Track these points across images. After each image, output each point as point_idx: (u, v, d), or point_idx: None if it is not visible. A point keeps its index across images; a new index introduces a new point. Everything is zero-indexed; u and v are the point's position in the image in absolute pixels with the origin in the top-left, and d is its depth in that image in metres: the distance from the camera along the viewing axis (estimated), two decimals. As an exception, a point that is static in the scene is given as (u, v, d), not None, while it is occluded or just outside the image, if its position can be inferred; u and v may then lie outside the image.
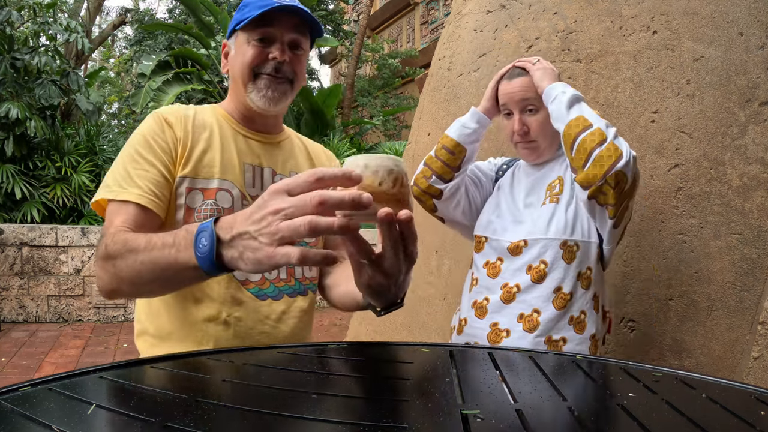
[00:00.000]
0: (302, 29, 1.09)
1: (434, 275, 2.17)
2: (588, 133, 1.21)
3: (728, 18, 1.60)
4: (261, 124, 1.16)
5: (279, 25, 1.06)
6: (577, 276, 1.31)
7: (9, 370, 3.68)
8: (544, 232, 1.32)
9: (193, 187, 1.06)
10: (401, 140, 11.18)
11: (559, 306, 1.30)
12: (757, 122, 1.54)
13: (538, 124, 1.35)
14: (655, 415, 0.62)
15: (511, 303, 1.34)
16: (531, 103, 1.35)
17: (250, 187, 1.11)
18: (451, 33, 2.33)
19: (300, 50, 1.11)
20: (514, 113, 1.37)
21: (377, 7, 15.20)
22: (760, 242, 1.50)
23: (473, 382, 0.72)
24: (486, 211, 1.47)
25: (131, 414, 0.54)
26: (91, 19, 11.48)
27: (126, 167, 1.02)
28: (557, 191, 1.36)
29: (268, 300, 1.10)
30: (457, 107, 2.15)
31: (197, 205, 1.05)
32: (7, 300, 5.20)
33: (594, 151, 1.20)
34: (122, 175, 1.01)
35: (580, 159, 1.22)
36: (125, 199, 0.98)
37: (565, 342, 1.30)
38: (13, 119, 6.22)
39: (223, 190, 1.07)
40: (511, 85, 1.36)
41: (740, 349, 1.50)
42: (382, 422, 0.55)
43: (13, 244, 5.22)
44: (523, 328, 1.32)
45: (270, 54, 1.07)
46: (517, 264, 1.35)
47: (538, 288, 1.32)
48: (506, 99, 1.38)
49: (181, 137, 1.06)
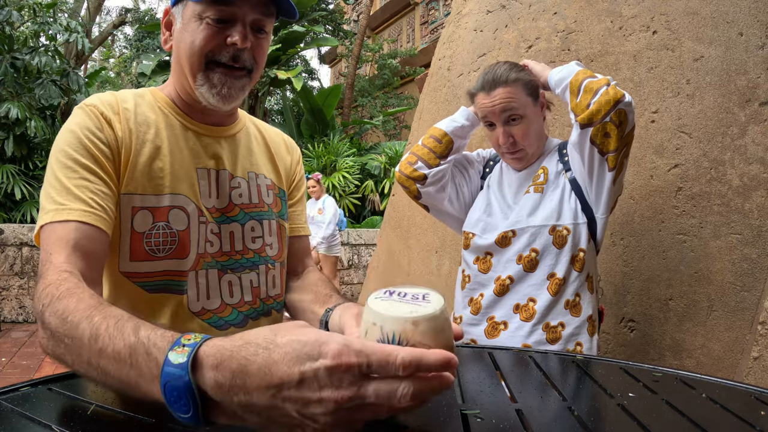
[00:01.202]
0: (268, 7, 0.90)
1: (434, 275, 2.17)
2: (594, 80, 1.23)
3: (728, 18, 1.60)
4: (213, 116, 0.96)
5: (241, 1, 0.87)
6: (570, 260, 1.31)
7: (9, 370, 3.68)
8: (531, 220, 1.32)
9: (142, 206, 0.85)
10: (401, 140, 11.18)
11: (553, 291, 1.30)
12: (757, 122, 1.54)
13: (524, 132, 1.33)
14: (655, 415, 0.62)
15: (505, 295, 1.34)
16: (514, 113, 1.31)
17: (206, 198, 0.92)
18: (451, 33, 2.33)
19: (263, 33, 0.92)
20: (497, 125, 1.34)
21: (377, 7, 15.20)
22: (760, 242, 1.50)
23: (473, 382, 0.72)
24: (476, 208, 1.46)
25: (131, 414, 0.54)
26: (91, 19, 11.47)
27: (60, 179, 0.80)
28: (541, 181, 1.36)
29: (231, 328, 0.93)
30: (457, 107, 2.15)
31: (146, 228, 0.85)
32: (7, 300, 5.20)
33: (600, 90, 1.20)
34: (57, 189, 0.79)
35: (586, 99, 1.22)
36: (66, 218, 0.76)
37: (563, 327, 1.30)
38: (13, 119, 6.23)
39: (176, 207, 0.88)
40: (491, 97, 1.32)
41: (740, 349, 1.50)
42: (382, 422, 0.55)
43: (13, 244, 5.22)
44: (520, 318, 1.31)
45: (228, 38, 0.87)
46: (507, 255, 1.34)
47: (531, 276, 1.32)
48: (486, 112, 1.34)
49: (122, 138, 0.86)
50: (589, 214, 1.32)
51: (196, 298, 0.91)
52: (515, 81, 1.31)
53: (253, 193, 1.00)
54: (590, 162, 1.28)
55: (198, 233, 0.90)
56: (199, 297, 0.91)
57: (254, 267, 0.97)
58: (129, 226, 0.85)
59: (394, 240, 2.43)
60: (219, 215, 0.93)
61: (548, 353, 0.92)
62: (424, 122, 2.35)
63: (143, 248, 0.85)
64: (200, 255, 0.90)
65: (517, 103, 1.31)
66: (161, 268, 0.87)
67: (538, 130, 1.37)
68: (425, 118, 2.35)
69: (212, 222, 0.92)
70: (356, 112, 13.38)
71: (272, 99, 15.67)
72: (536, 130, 1.35)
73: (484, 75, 1.35)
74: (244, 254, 0.96)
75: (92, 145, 0.82)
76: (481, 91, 1.35)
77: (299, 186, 1.14)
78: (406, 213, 2.37)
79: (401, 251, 2.37)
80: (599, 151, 1.25)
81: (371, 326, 0.52)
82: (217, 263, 0.92)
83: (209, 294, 0.92)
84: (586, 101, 1.22)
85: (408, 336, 0.50)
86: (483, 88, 1.34)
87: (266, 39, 0.93)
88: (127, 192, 0.85)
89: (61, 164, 0.81)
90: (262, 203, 1.00)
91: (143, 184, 0.86)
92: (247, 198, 0.99)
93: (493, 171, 1.50)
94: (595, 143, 1.24)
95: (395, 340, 0.50)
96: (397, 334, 0.50)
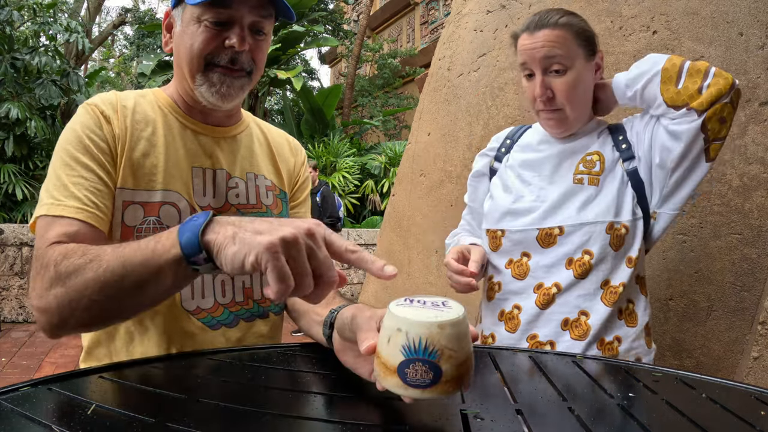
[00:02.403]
0: (267, 8, 0.90)
1: (434, 275, 2.17)
2: (694, 62, 1.05)
3: (728, 18, 1.60)
4: (213, 116, 0.98)
5: (239, 3, 0.87)
6: (627, 262, 1.11)
7: (9, 370, 3.68)
8: (583, 216, 1.10)
9: (132, 201, 0.87)
10: (401, 140, 11.18)
11: (609, 301, 1.09)
12: (757, 122, 1.54)
13: (566, 87, 1.10)
14: (655, 415, 0.62)
15: (550, 307, 1.11)
16: (557, 62, 1.09)
17: (200, 196, 0.93)
18: (451, 33, 2.33)
19: (261, 35, 0.92)
20: (535, 74, 1.12)
21: (377, 7, 15.20)
22: (760, 242, 1.50)
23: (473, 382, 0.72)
24: (496, 197, 1.21)
25: (131, 414, 0.54)
26: (91, 19, 11.47)
27: (59, 175, 0.83)
28: (597, 170, 1.13)
29: (222, 328, 0.94)
30: (457, 107, 2.15)
31: (137, 222, 0.87)
32: (7, 300, 5.21)
33: (710, 71, 1.03)
34: (56, 185, 0.83)
35: (695, 82, 1.03)
36: (60, 214, 0.80)
37: (620, 341, 1.10)
38: (13, 119, 6.23)
39: (168, 203, 0.89)
40: (533, 38, 1.10)
41: (740, 349, 1.50)
42: (382, 422, 0.55)
43: (13, 244, 5.22)
44: (571, 336, 1.09)
45: (227, 41, 0.88)
46: (552, 257, 1.12)
47: (582, 284, 1.09)
48: (526, 56, 1.12)
49: (119, 135, 0.88)
50: (644, 207, 1.13)
51: (191, 296, 0.92)
52: (565, 25, 1.10)
53: (251, 193, 0.99)
54: (686, 152, 1.07)
55: None
56: (194, 295, 0.92)
57: None
58: (120, 219, 0.87)
59: (394, 240, 2.43)
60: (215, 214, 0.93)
61: (548, 353, 0.92)
62: (424, 122, 2.35)
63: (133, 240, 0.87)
64: None
65: (564, 51, 1.09)
66: None
67: (586, 92, 1.14)
68: (425, 118, 2.35)
69: None
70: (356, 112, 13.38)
71: (272, 99, 15.67)
72: (584, 90, 1.13)
73: (533, 15, 1.15)
74: None
75: (91, 143, 0.85)
76: (525, 32, 1.13)
77: (303, 187, 1.13)
78: (406, 213, 2.37)
79: (401, 251, 2.37)
80: (705, 139, 1.05)
81: (395, 332, 0.52)
82: None
83: (204, 293, 0.93)
84: (695, 85, 1.03)
85: (434, 340, 0.51)
86: (528, 27, 1.13)
87: (265, 40, 0.93)
88: (120, 186, 0.87)
89: (62, 161, 0.84)
90: (260, 204, 1.00)
91: (135, 179, 0.88)
92: (245, 198, 0.98)
93: (516, 145, 1.26)
94: (706, 130, 1.04)
95: (421, 345, 0.51)
96: (423, 339, 0.51)
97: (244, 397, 0.62)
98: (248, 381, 0.69)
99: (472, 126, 2.05)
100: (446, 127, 2.19)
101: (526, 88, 1.16)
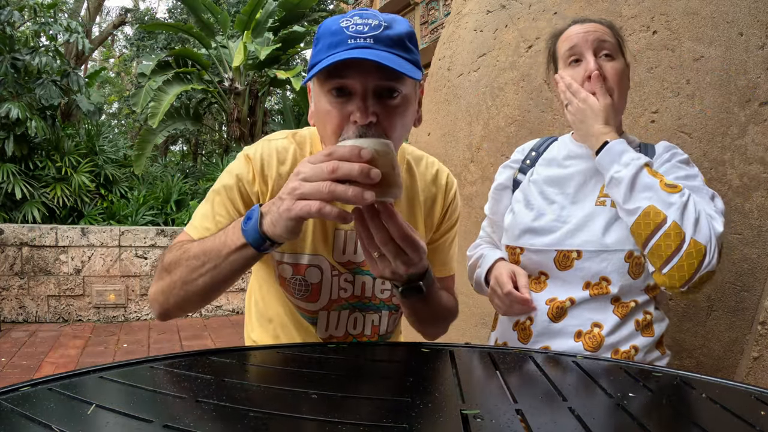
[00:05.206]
0: (383, 72, 0.80)
1: (434, 275, 2.17)
2: (662, 235, 0.98)
3: (728, 18, 1.60)
4: None
5: (357, 73, 0.79)
6: (645, 289, 1.09)
7: (9, 370, 3.68)
8: (604, 242, 1.06)
9: (282, 261, 0.99)
10: (401, 140, 11.16)
11: (621, 313, 1.07)
12: (757, 122, 1.54)
13: (616, 72, 1.09)
14: (655, 415, 0.62)
15: (562, 320, 1.09)
16: (607, 48, 1.10)
17: (340, 255, 1.00)
18: (451, 33, 2.33)
19: (395, 95, 0.83)
20: (586, 56, 1.10)
21: (377, 7, 15.20)
22: (760, 242, 1.50)
23: (473, 382, 0.72)
24: (517, 212, 1.19)
25: (131, 414, 0.54)
26: (91, 19, 11.48)
27: (213, 205, 0.96)
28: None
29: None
30: (457, 107, 2.15)
31: (287, 276, 1.00)
32: (7, 300, 5.20)
33: (673, 259, 0.97)
34: (204, 212, 0.96)
35: (656, 263, 1.00)
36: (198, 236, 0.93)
37: (636, 351, 1.08)
38: (13, 119, 6.23)
39: (313, 266, 0.99)
40: (584, 26, 1.12)
41: (740, 349, 1.50)
42: (382, 422, 0.55)
43: (13, 244, 5.21)
44: (585, 348, 1.06)
45: (351, 115, 0.81)
46: (569, 279, 1.10)
47: (595, 299, 1.08)
48: (578, 39, 1.11)
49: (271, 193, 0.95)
50: None
51: (325, 328, 1.05)
52: (610, 26, 1.14)
53: None
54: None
55: (331, 283, 1.01)
56: (328, 328, 1.05)
57: (378, 311, 1.07)
58: (275, 272, 1.02)
59: (394, 240, 2.43)
60: (354, 267, 1.03)
61: (548, 353, 0.92)
62: (424, 122, 2.35)
63: (287, 286, 1.02)
64: (333, 300, 1.02)
65: (613, 41, 1.12)
66: (298, 305, 1.03)
67: (627, 90, 1.13)
68: (425, 118, 2.35)
69: (346, 272, 1.02)
70: (356, 112, 13.36)
71: (272, 99, 15.67)
72: (626, 86, 1.12)
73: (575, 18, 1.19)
74: (372, 300, 1.06)
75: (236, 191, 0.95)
76: (573, 24, 1.15)
77: (451, 217, 1.12)
78: (406, 213, 2.37)
79: (401, 251, 2.37)
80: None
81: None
82: (349, 305, 1.04)
83: (337, 326, 1.05)
84: (657, 264, 1.00)
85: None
86: (576, 21, 1.16)
87: (401, 100, 0.84)
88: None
89: (216, 194, 0.97)
90: None
91: (284, 246, 0.92)
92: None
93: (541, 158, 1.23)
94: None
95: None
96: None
97: (244, 397, 0.62)
98: (248, 381, 0.69)
99: (472, 126, 2.05)
100: (446, 127, 2.19)
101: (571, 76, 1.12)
